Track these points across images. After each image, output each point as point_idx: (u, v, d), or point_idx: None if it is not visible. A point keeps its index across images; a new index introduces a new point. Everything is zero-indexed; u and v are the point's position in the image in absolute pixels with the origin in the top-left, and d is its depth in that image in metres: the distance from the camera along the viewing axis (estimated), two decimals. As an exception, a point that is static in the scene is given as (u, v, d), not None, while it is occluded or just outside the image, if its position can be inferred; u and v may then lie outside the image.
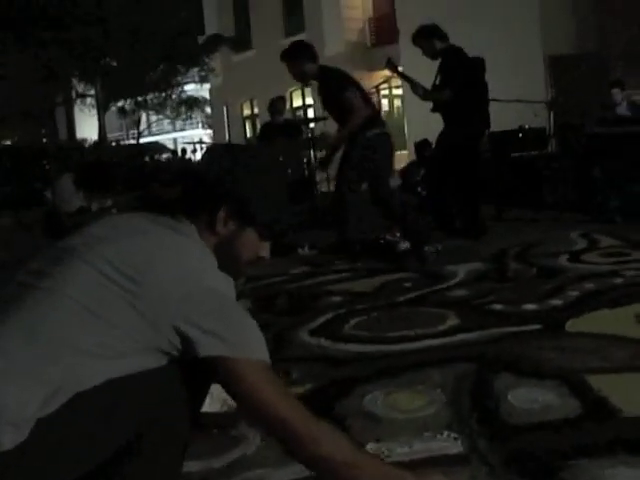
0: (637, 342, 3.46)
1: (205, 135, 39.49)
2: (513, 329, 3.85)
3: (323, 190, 10.67)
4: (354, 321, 4.28)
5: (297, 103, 28.70)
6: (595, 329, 3.76)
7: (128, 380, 1.72)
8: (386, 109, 27.21)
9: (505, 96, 8.69)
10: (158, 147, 35.63)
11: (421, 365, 3.34)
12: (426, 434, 2.53)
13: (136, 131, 36.04)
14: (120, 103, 32.08)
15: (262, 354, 1.81)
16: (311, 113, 24.88)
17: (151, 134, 41.97)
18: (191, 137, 36.58)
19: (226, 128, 33.76)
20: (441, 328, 3.99)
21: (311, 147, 10.56)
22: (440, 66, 7.21)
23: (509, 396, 2.83)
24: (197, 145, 22.28)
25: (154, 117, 37.06)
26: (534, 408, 2.70)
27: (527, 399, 2.78)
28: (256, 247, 2.08)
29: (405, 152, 20.42)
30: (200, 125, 43.42)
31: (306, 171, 10.17)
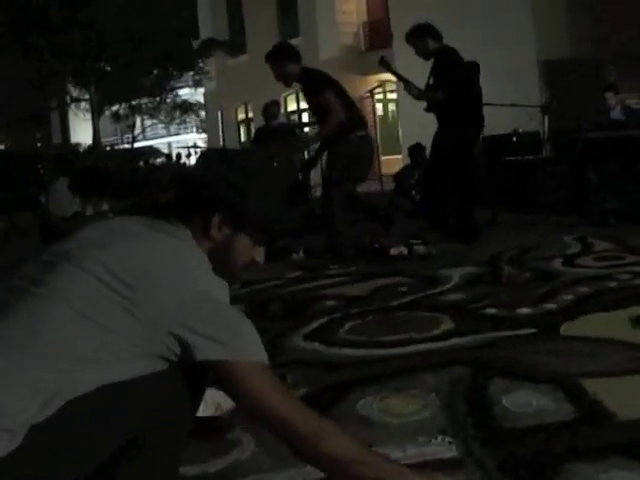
0: (632, 346, 3.45)
1: (199, 139, 39.48)
2: (507, 333, 3.85)
3: (318, 194, 10.66)
4: (348, 325, 4.26)
5: (291, 107, 28.73)
6: (590, 333, 3.76)
7: (124, 385, 1.72)
8: (380, 113, 27.24)
9: (499, 100, 8.70)
10: (152, 151, 35.57)
11: (415, 369, 3.33)
12: (420, 438, 2.52)
13: (130, 135, 35.98)
14: (114, 107, 32.02)
15: (260, 356, 1.83)
16: (306, 117, 24.90)
17: (145, 138, 41.89)
18: (185, 141, 36.63)
19: (220, 132, 33.75)
20: (435, 332, 3.98)
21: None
22: (433, 66, 7.21)
23: (504, 400, 2.82)
24: (191, 149, 22.28)
25: (148, 121, 36.98)
26: (529, 412, 2.70)
27: (522, 403, 2.78)
28: (250, 252, 2.09)
29: (399, 156, 20.46)
30: (194, 129, 43.41)
31: (300, 175, 10.17)
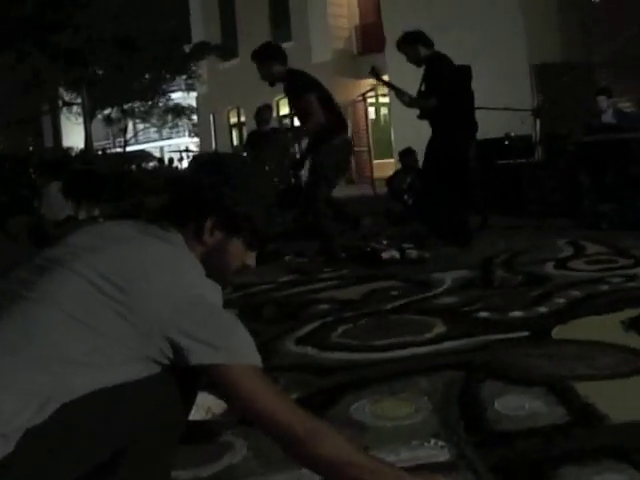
0: (623, 349, 3.46)
1: (192, 143, 39.45)
2: (500, 336, 3.85)
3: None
4: (341, 329, 4.26)
5: (284, 111, 28.69)
6: (582, 336, 3.77)
7: (117, 389, 1.72)
8: (373, 117, 27.27)
9: (491, 104, 8.70)
10: (145, 155, 35.61)
11: (408, 373, 3.33)
12: (413, 442, 2.52)
13: (122, 139, 35.95)
14: (106, 111, 32.02)
15: (254, 359, 1.83)
16: (298, 121, 24.89)
17: (137, 142, 41.86)
18: (177, 145, 36.54)
19: (213, 136, 33.75)
20: (428, 336, 3.99)
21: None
22: (425, 73, 7.21)
23: (496, 403, 2.82)
24: (184, 153, 22.26)
25: (141, 125, 37.01)
26: (521, 415, 2.70)
27: (514, 406, 2.78)
28: (243, 256, 2.09)
29: (392, 160, 20.47)
30: (187, 133, 43.40)
31: (293, 179, 10.17)
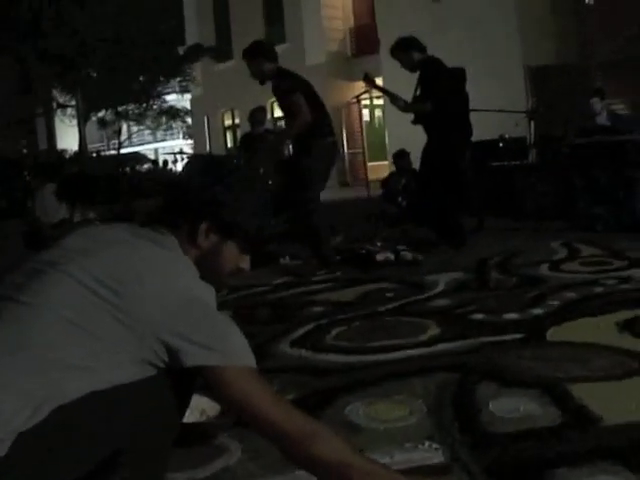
0: (618, 351, 3.46)
1: (186, 145, 39.44)
2: (494, 338, 3.85)
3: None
4: (335, 331, 4.26)
5: (278, 113, 28.69)
6: (576, 338, 3.77)
7: (111, 392, 1.71)
8: (367, 119, 27.30)
9: (486, 106, 8.72)
10: (139, 158, 35.52)
11: (402, 375, 3.33)
12: (407, 444, 2.52)
13: (116, 142, 35.90)
14: (100, 114, 31.97)
15: (249, 360, 1.83)
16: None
17: (132, 145, 41.83)
18: (172, 148, 36.56)
19: (207, 138, 33.73)
20: (422, 338, 3.99)
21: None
22: (419, 78, 7.20)
23: (490, 405, 2.82)
24: (178, 156, 22.26)
25: (135, 128, 36.96)
26: (515, 417, 2.70)
27: (508, 408, 2.78)
28: (237, 259, 2.09)
29: (386, 162, 20.50)
30: (181, 135, 43.35)
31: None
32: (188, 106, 35.68)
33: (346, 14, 28.26)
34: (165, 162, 31.41)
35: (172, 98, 35.08)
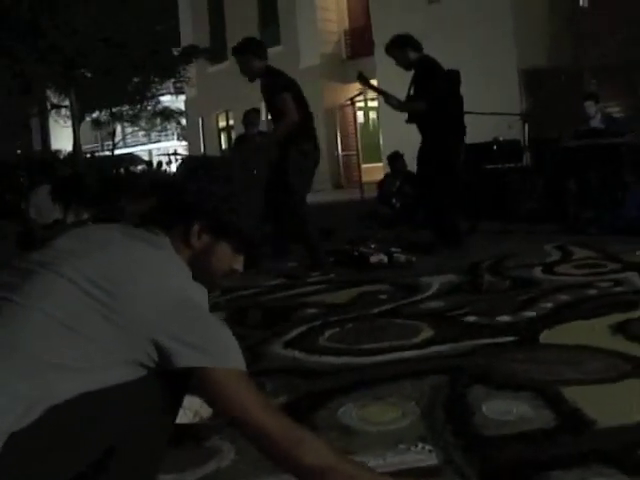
0: (611, 353, 3.46)
1: (180, 147, 39.40)
2: (487, 341, 3.85)
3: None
4: (328, 333, 4.26)
5: (272, 115, 28.68)
6: (569, 340, 3.77)
7: (103, 393, 1.71)
8: (361, 121, 27.31)
9: (480, 109, 8.72)
10: (133, 159, 35.56)
11: (395, 377, 3.33)
12: (400, 446, 2.52)
13: (111, 143, 35.89)
14: (95, 114, 31.95)
15: (239, 363, 1.82)
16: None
17: (126, 146, 41.77)
18: (166, 149, 36.52)
19: (201, 140, 33.73)
20: (415, 340, 3.98)
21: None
22: (414, 77, 7.21)
23: (483, 408, 2.82)
24: (172, 157, 22.25)
25: (129, 129, 36.94)
26: (508, 420, 2.70)
27: (501, 411, 2.78)
28: (230, 260, 2.08)
29: (380, 164, 20.51)
30: (175, 137, 43.33)
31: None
32: (182, 107, 35.68)
33: (341, 16, 28.29)
34: (159, 163, 31.40)
35: (167, 99, 35.08)
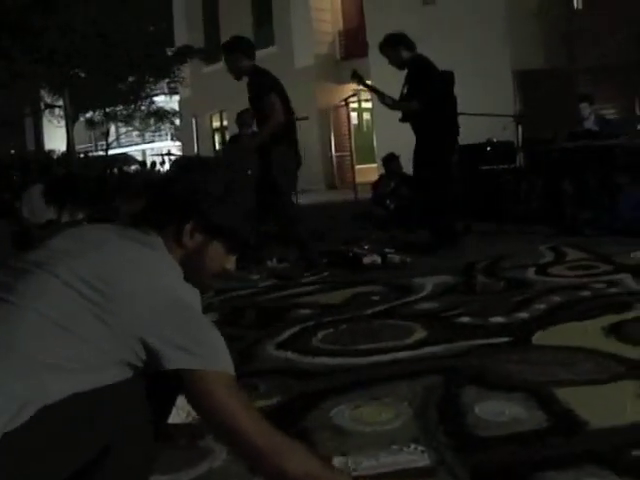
0: (604, 354, 3.47)
1: (174, 147, 39.41)
2: (481, 342, 3.85)
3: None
4: (322, 334, 4.25)
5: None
6: (563, 342, 3.77)
7: (95, 393, 1.70)
8: (355, 122, 27.30)
9: (473, 110, 8.73)
10: (127, 159, 35.59)
11: (388, 378, 3.33)
12: (393, 447, 2.51)
13: (104, 143, 35.83)
14: (89, 114, 31.91)
15: (228, 367, 1.81)
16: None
17: (120, 146, 41.73)
18: (160, 149, 36.52)
19: (195, 140, 33.69)
20: (409, 341, 3.98)
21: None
22: (407, 76, 7.20)
23: (476, 409, 2.82)
24: (166, 157, 22.22)
25: (123, 129, 36.89)
26: (501, 421, 2.70)
27: (494, 412, 2.78)
28: (223, 260, 2.08)
29: (374, 165, 20.53)
30: (169, 137, 43.33)
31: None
32: (176, 108, 35.63)
33: (335, 17, 28.29)
34: (153, 163, 31.43)
35: (160, 99, 35.04)
